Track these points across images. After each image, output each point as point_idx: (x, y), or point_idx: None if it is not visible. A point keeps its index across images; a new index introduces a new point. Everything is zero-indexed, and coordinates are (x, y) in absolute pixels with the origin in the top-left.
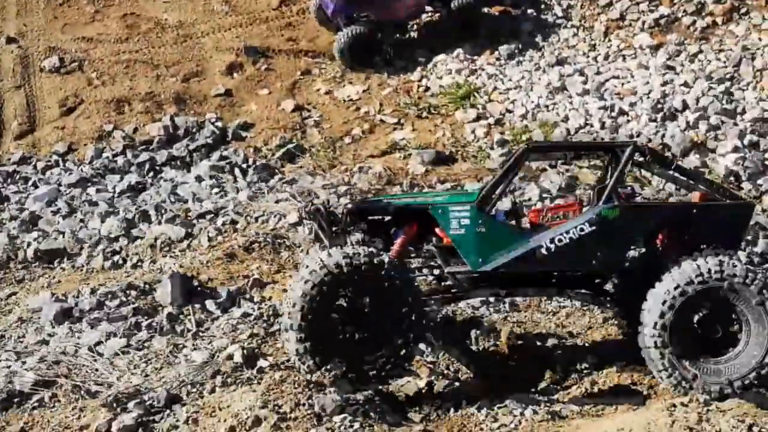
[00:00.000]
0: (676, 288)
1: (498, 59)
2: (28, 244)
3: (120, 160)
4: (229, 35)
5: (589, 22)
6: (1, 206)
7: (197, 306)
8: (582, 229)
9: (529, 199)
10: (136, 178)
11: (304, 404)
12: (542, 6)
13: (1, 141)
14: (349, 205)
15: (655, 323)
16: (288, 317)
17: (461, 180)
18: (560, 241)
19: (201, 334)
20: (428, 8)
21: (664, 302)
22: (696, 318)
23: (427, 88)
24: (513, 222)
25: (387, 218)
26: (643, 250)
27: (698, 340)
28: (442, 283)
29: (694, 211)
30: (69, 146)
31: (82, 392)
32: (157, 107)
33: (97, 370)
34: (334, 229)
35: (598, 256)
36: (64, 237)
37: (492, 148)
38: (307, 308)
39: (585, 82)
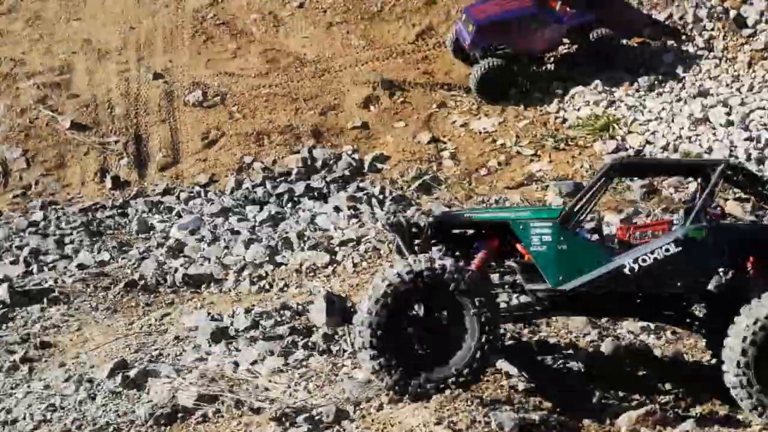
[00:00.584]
0: (755, 323)
1: (637, 91)
2: (176, 270)
3: (259, 190)
4: (365, 69)
5: (732, 52)
6: (148, 234)
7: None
8: (668, 249)
9: None
10: (275, 209)
11: (480, 421)
12: (683, 37)
13: (146, 172)
14: (431, 218)
15: (738, 362)
16: (359, 336)
17: (600, 212)
18: (644, 261)
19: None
20: (565, 40)
21: (744, 339)
22: None
23: (565, 120)
24: (597, 239)
25: (470, 232)
26: (732, 273)
27: None
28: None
29: None
30: (210, 177)
31: (245, 408)
32: (296, 139)
33: (257, 386)
34: (417, 242)
35: (683, 278)
36: (209, 263)
37: (632, 180)
38: (376, 324)
39: (729, 114)
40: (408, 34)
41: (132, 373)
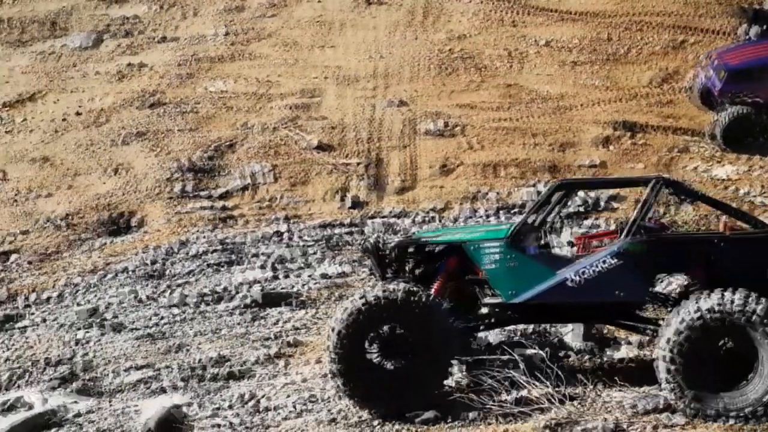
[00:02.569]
0: (679, 334)
1: None
2: None
3: (493, 220)
4: (606, 109)
5: None
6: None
7: None
8: (605, 262)
9: None
10: None
11: None
12: None
13: (383, 195)
14: (394, 242)
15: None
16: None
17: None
18: (584, 273)
19: None
20: None
21: (671, 348)
22: (709, 350)
23: None
24: (546, 254)
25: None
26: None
27: (708, 370)
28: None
29: (721, 243)
30: (445, 204)
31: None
32: (531, 173)
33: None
34: (387, 262)
35: (622, 289)
36: None
37: None
38: (343, 334)
39: None
40: (653, 77)
41: None
